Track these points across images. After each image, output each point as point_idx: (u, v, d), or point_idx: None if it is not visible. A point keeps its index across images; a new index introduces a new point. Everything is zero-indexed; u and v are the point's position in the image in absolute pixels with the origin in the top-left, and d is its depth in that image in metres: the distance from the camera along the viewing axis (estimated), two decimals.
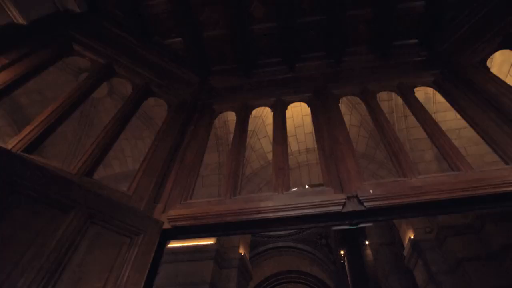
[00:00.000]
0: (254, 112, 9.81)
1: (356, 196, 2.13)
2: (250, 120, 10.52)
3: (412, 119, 8.85)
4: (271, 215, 2.12)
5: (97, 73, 3.07)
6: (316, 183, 10.40)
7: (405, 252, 7.73)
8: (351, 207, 2.10)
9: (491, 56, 3.22)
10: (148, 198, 2.39)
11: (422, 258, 6.93)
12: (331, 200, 2.12)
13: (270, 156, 10.04)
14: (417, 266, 7.19)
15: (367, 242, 18.77)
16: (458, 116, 8.61)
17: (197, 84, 3.97)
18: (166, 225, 2.23)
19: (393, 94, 8.82)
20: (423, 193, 2.08)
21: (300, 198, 2.19)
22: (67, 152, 11.27)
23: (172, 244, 7.58)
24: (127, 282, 1.77)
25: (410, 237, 7.32)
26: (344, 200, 2.11)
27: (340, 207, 2.08)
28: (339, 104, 3.43)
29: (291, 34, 3.63)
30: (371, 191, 2.13)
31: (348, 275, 20.23)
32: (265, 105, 3.75)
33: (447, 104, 3.40)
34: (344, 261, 21.87)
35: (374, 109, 3.21)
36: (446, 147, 2.53)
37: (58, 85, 9.90)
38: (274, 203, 2.18)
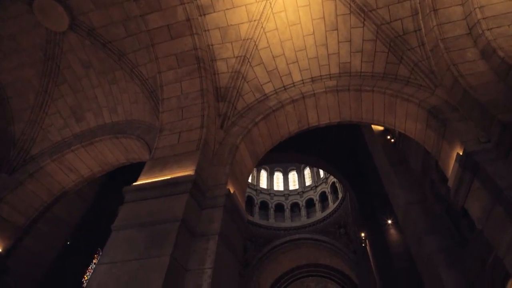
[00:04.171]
0: (244, 33, 8.00)
1: None
2: (240, 44, 8.63)
3: (443, 12, 6.82)
4: None
5: None
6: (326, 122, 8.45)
7: (450, 183, 5.67)
8: None
9: None
10: None
11: (479, 177, 4.88)
12: None
13: (266, 88, 8.15)
14: (471, 193, 5.12)
15: (389, 222, 16.83)
16: None
17: None
18: None
19: None
20: None
21: None
22: (34, 104, 9.63)
23: (138, 182, 5.79)
24: None
25: (458, 153, 5.27)
26: None
27: None
28: None
29: None
30: None
31: (370, 258, 18.06)
32: None
33: None
34: (365, 244, 19.66)
35: None
36: None
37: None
38: None
